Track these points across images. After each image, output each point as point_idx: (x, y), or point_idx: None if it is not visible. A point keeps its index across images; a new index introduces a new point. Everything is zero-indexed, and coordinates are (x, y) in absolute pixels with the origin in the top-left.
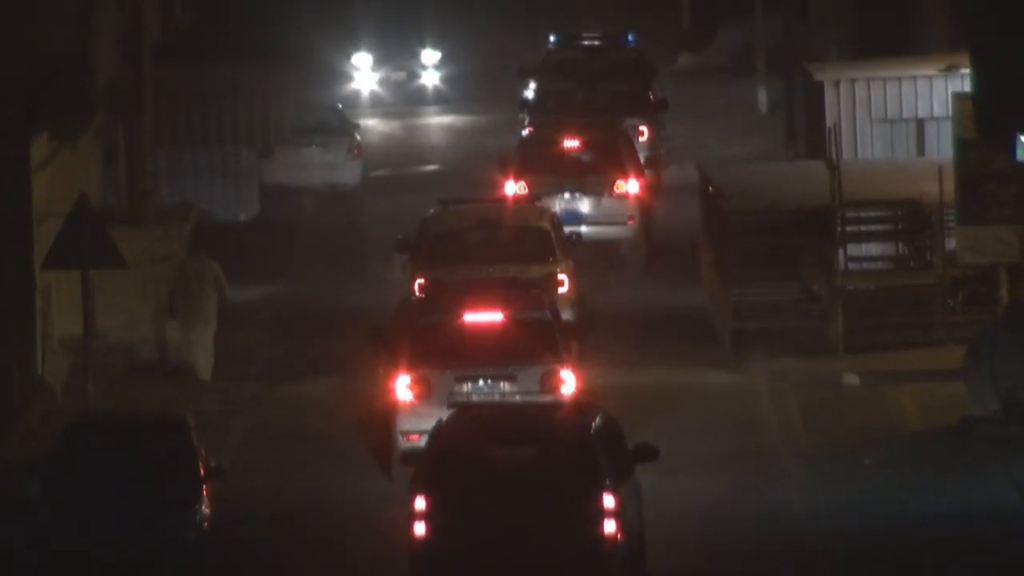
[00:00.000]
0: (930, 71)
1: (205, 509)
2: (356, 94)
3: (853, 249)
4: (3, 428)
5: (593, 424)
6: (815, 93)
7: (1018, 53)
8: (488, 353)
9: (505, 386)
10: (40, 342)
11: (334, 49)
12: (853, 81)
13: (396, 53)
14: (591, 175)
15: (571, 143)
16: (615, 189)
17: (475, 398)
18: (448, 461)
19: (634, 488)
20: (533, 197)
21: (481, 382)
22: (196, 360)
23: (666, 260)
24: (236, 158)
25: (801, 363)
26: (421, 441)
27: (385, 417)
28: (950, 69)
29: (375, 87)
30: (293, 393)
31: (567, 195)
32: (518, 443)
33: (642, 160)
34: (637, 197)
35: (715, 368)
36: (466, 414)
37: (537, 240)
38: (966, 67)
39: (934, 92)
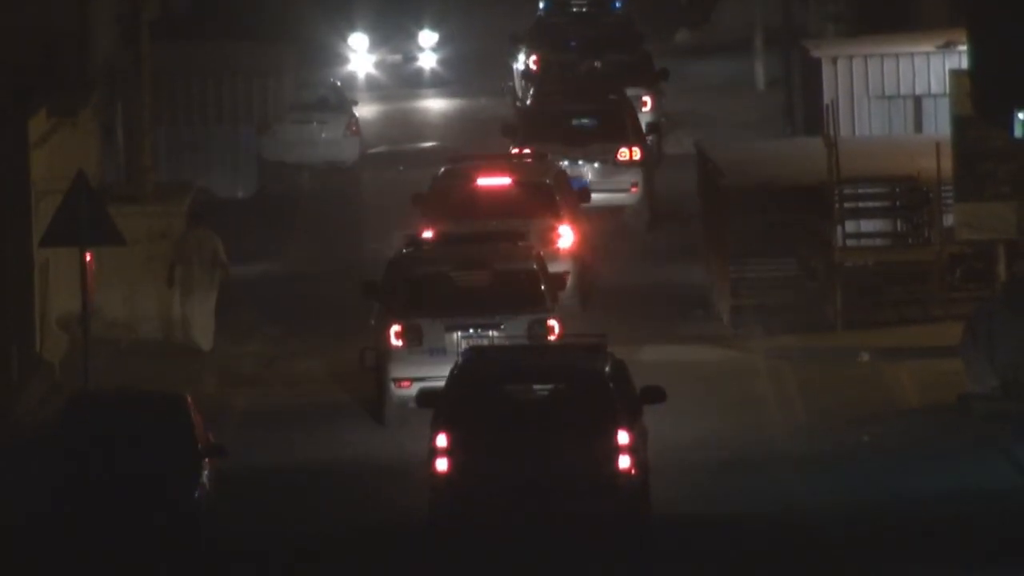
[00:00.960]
0: (928, 48)
1: (205, 484)
2: (352, 76)
3: (851, 226)
4: (2, 406)
5: (606, 364)
6: (813, 70)
7: (1015, 30)
8: (476, 303)
9: (493, 334)
10: (39, 320)
11: (330, 30)
12: (851, 58)
13: (393, 35)
14: (595, 143)
15: (576, 115)
16: (618, 157)
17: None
18: (467, 400)
19: (642, 427)
20: (538, 155)
21: (471, 331)
22: (195, 330)
23: (667, 227)
24: (234, 135)
25: (799, 340)
26: (412, 388)
27: (377, 366)
28: (948, 46)
29: (371, 69)
30: (291, 369)
31: (573, 163)
32: (534, 382)
33: (644, 128)
34: (640, 164)
35: (714, 345)
36: (482, 355)
37: (540, 196)
38: (963, 44)
39: (932, 69)
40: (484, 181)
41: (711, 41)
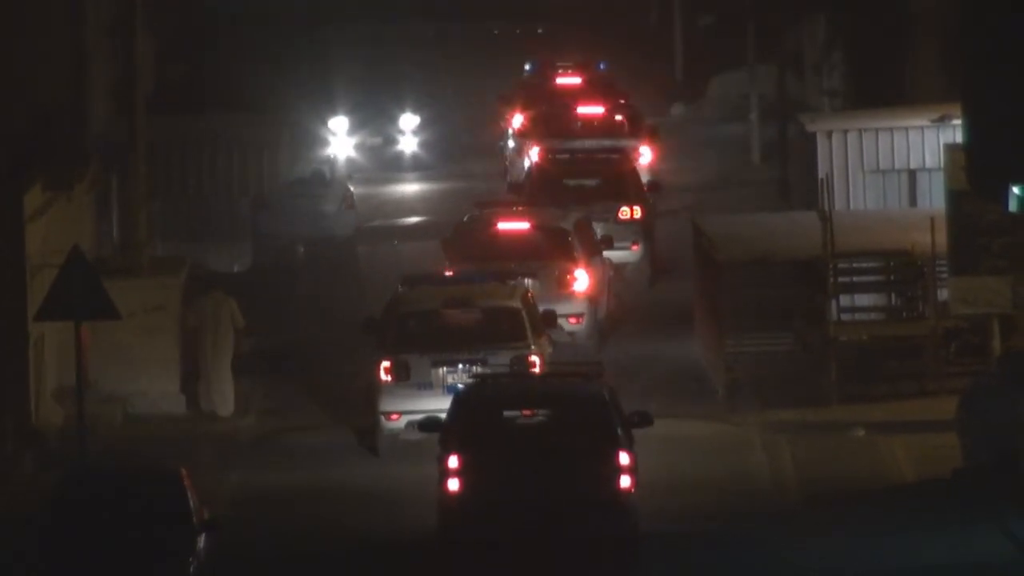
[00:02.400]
0: (922, 122)
1: (200, 561)
2: (332, 159)
3: (845, 300)
4: None
5: (604, 390)
6: (808, 144)
7: (1010, 105)
8: (461, 339)
9: (476, 369)
10: (34, 393)
11: (312, 114)
12: (845, 132)
13: (374, 118)
14: (597, 202)
15: (579, 175)
16: (620, 215)
17: (451, 379)
18: (477, 423)
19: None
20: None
21: (458, 366)
22: (214, 395)
23: (666, 280)
24: (229, 209)
25: (794, 414)
26: (401, 421)
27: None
28: (942, 120)
29: (351, 152)
30: (287, 443)
31: None
32: (539, 407)
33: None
34: (640, 222)
35: (709, 419)
36: (486, 383)
37: (557, 241)
38: (958, 118)
39: (926, 143)
40: (504, 226)
41: (706, 115)
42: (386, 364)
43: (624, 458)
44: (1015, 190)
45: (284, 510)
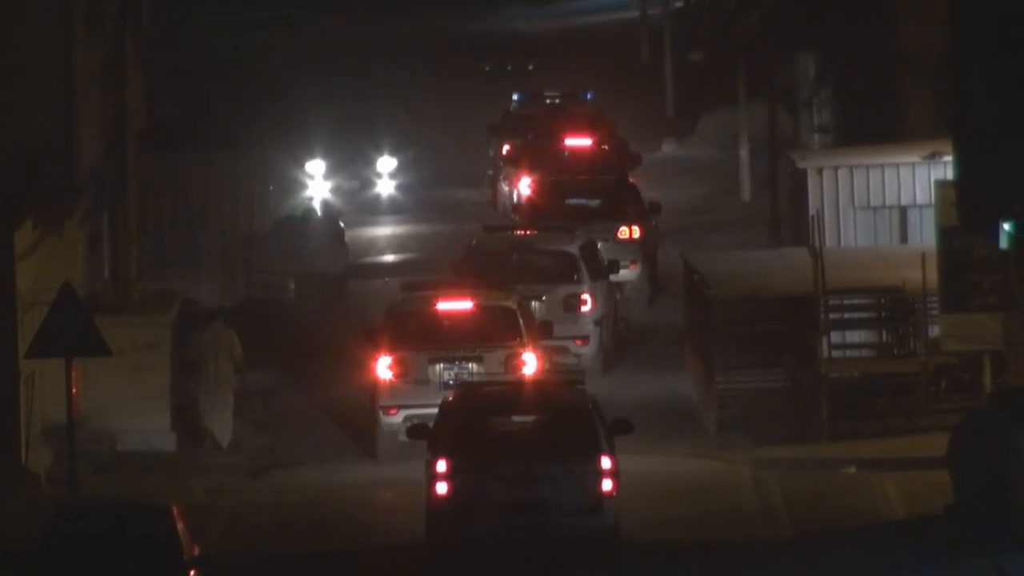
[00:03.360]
0: (913, 158)
1: None
2: (325, 197)
3: (837, 336)
4: None
5: (588, 398)
6: (798, 180)
7: (1000, 141)
8: (457, 338)
9: (472, 367)
10: (24, 431)
11: (288, 158)
12: (836, 168)
13: (351, 161)
14: (597, 222)
15: (578, 195)
16: (619, 235)
17: (447, 376)
18: (464, 428)
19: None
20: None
21: (455, 364)
22: (214, 426)
23: (663, 299)
24: (220, 245)
25: (785, 451)
26: (399, 415)
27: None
28: (933, 156)
29: (328, 196)
30: (278, 483)
31: None
32: (524, 413)
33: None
34: (639, 242)
35: (699, 455)
36: (472, 390)
37: (565, 265)
38: (949, 154)
39: (917, 179)
40: (513, 249)
41: (697, 152)
42: (385, 361)
43: (606, 462)
44: (1006, 226)
45: (276, 542)
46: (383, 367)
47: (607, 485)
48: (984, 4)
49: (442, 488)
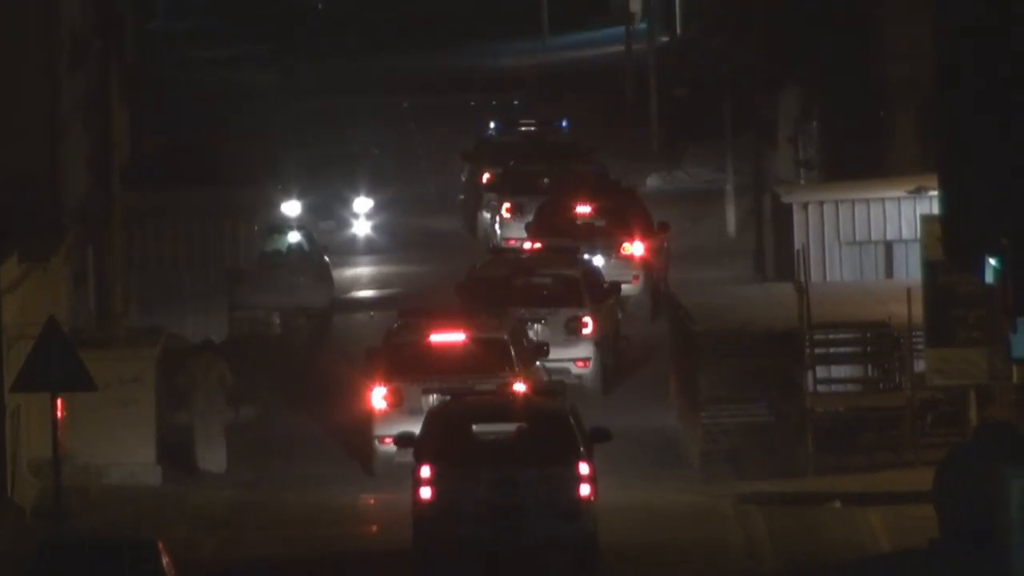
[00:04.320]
0: (898, 193)
1: None
2: (309, 232)
3: (822, 371)
4: None
5: (566, 406)
6: (783, 215)
7: (986, 175)
8: (450, 368)
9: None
10: (10, 465)
11: (273, 192)
12: (821, 203)
13: (327, 201)
14: (600, 238)
15: (583, 209)
16: (621, 251)
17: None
18: (447, 436)
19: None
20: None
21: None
22: (207, 454)
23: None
24: (205, 280)
25: (770, 485)
26: (394, 445)
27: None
28: (918, 191)
29: (296, 241)
30: (264, 515)
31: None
32: (505, 421)
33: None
34: (642, 258)
35: (683, 490)
36: (458, 400)
37: (567, 288)
38: (934, 189)
39: (902, 214)
40: (517, 274)
41: (682, 186)
42: (381, 392)
43: (584, 468)
44: (991, 261)
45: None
46: (378, 397)
47: (585, 490)
48: (968, 39)
49: (426, 493)
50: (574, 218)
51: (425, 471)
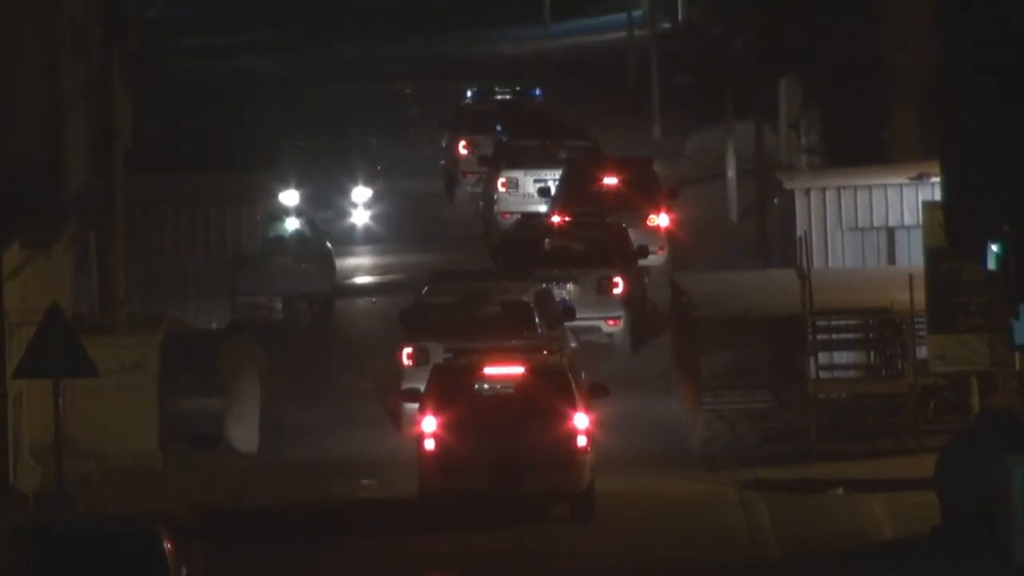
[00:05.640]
0: (900, 180)
1: None
2: (311, 217)
3: (824, 357)
4: None
5: (564, 362)
6: (786, 201)
7: (987, 162)
8: (477, 329)
9: None
10: (12, 451)
11: (275, 179)
12: (824, 189)
13: (326, 191)
14: (626, 209)
15: (610, 180)
16: (648, 222)
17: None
18: (449, 389)
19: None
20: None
21: None
22: (236, 435)
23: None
24: (208, 266)
25: (773, 471)
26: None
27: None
28: (920, 178)
29: (298, 227)
30: (264, 500)
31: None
32: (505, 376)
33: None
34: (667, 229)
35: (686, 477)
36: (460, 354)
37: (598, 250)
38: (936, 176)
39: (904, 200)
40: (555, 238)
41: (684, 173)
42: (408, 350)
43: (580, 421)
44: (993, 247)
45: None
46: (405, 356)
47: (581, 441)
48: (969, 26)
49: (429, 445)
50: (600, 188)
51: (429, 424)
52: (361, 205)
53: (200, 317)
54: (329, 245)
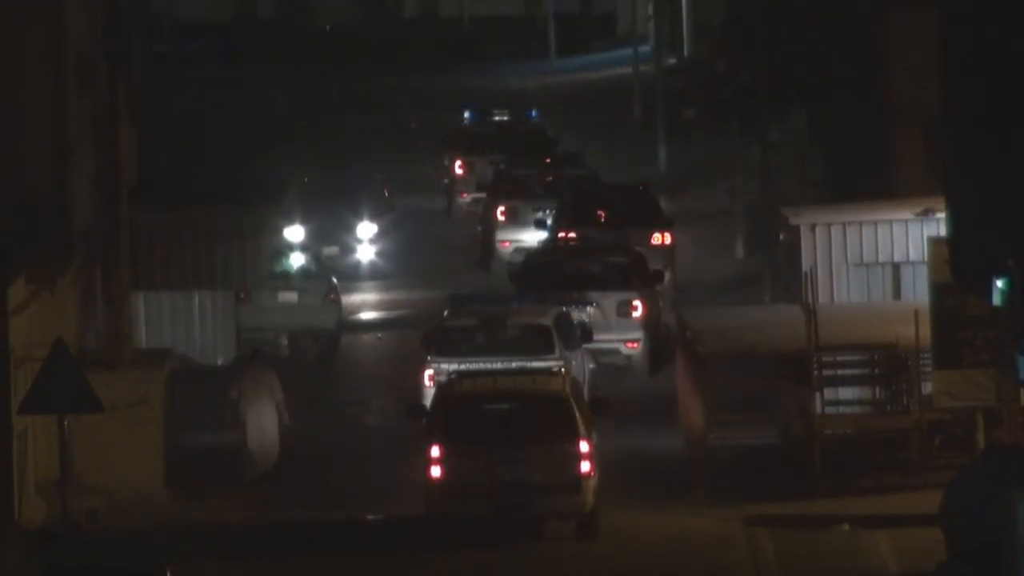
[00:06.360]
0: (906, 215)
1: None
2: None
3: (830, 393)
4: None
5: (566, 386)
6: (791, 237)
7: (992, 197)
8: (498, 350)
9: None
10: (17, 487)
11: (280, 214)
12: (829, 225)
13: (331, 226)
14: (632, 228)
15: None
16: (652, 240)
17: None
18: (455, 416)
19: (594, 436)
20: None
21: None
22: (260, 458)
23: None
24: (213, 301)
25: (778, 507)
26: None
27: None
28: (926, 213)
29: (303, 262)
30: (272, 521)
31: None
32: (510, 402)
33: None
34: (671, 248)
35: (691, 513)
36: (464, 380)
37: (617, 274)
38: (941, 211)
39: (910, 236)
40: (572, 260)
41: (690, 209)
42: (429, 372)
43: (583, 446)
44: (999, 283)
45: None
46: (427, 377)
47: (584, 466)
48: (975, 61)
49: (436, 471)
50: (603, 212)
51: (435, 451)
52: (366, 241)
53: (205, 352)
54: (335, 280)
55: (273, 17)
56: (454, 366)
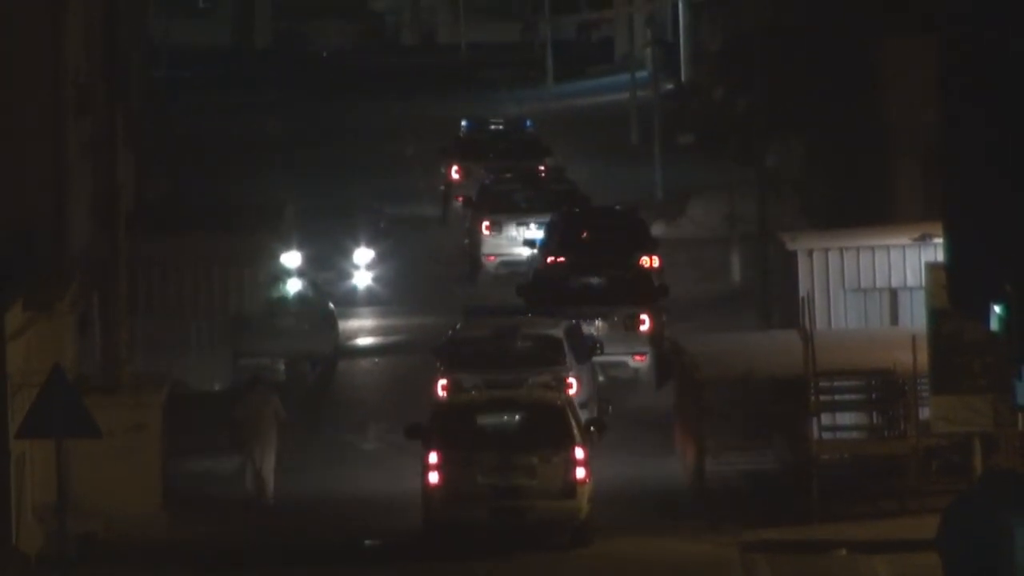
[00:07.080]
0: (903, 241)
1: None
2: (314, 279)
3: (827, 418)
4: None
5: (562, 398)
6: (788, 262)
7: (990, 223)
8: (507, 361)
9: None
10: (15, 511)
11: (277, 241)
12: (826, 250)
13: (327, 252)
14: (618, 252)
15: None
16: (641, 263)
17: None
18: (452, 424)
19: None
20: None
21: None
22: (259, 485)
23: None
24: (210, 327)
25: (776, 532)
26: None
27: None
28: (923, 239)
29: (301, 288)
30: (275, 559)
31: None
32: (507, 412)
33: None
34: (659, 270)
35: (689, 539)
36: (463, 390)
37: (624, 289)
38: (939, 237)
39: (907, 262)
40: (580, 279)
41: (686, 234)
42: (443, 382)
43: (579, 453)
44: (996, 309)
45: None
46: (440, 388)
47: (579, 474)
48: (972, 86)
49: (434, 478)
50: (590, 234)
51: (432, 458)
52: (363, 266)
53: (203, 378)
54: (331, 306)
55: (270, 44)
56: (466, 376)
